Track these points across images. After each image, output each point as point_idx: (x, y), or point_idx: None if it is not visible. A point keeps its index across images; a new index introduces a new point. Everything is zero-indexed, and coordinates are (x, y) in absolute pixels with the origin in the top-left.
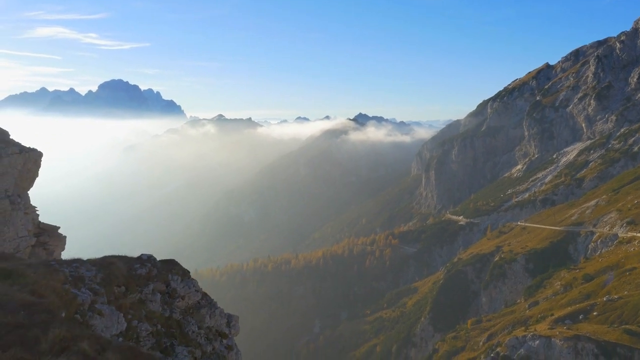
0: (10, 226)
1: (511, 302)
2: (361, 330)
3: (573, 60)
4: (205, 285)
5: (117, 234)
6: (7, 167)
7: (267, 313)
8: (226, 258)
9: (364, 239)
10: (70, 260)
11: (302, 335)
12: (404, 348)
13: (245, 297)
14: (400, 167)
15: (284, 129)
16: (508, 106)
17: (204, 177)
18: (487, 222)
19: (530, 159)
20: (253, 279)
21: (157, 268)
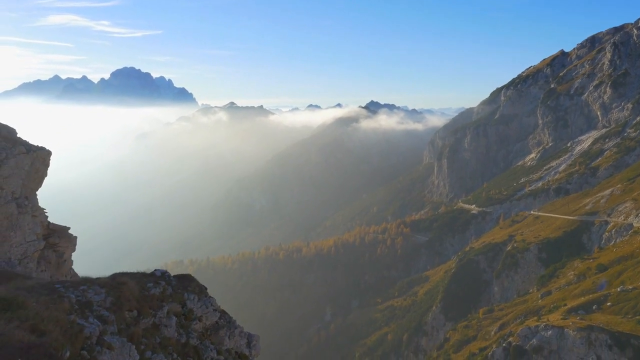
0: (17, 231)
1: (523, 291)
2: (372, 318)
3: (589, 47)
4: (217, 273)
5: (129, 222)
6: (13, 168)
7: (278, 301)
8: (237, 246)
9: (376, 228)
10: (77, 282)
11: (313, 323)
12: (415, 337)
13: (257, 285)
14: (412, 156)
15: (295, 116)
16: (522, 94)
17: (216, 165)
18: (500, 211)
19: (544, 148)
20: (264, 267)
21: (172, 286)
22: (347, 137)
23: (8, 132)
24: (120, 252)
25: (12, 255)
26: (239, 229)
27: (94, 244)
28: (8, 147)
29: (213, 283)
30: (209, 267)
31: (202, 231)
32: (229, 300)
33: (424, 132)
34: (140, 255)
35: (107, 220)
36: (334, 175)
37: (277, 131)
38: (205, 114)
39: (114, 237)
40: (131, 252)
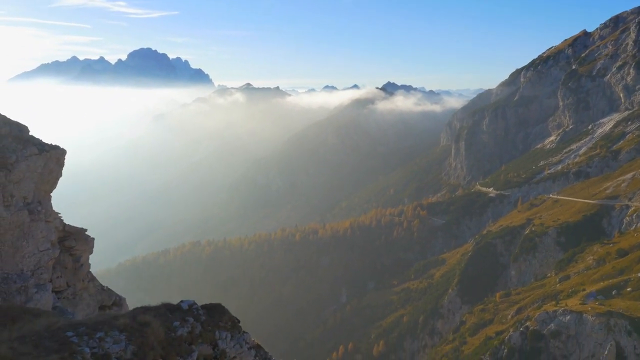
0: (29, 240)
1: (541, 275)
2: (388, 300)
3: (612, 27)
4: (233, 254)
5: (146, 203)
6: (24, 171)
7: (294, 282)
8: (253, 227)
9: (392, 210)
10: (94, 324)
11: (329, 305)
12: (431, 319)
13: (273, 266)
14: (429, 137)
15: (312, 98)
16: (542, 75)
17: (232, 146)
18: (518, 195)
19: (564, 130)
20: (280, 248)
21: (201, 322)
22: (364, 118)
23: (19, 131)
24: (137, 233)
25: (25, 266)
26: (255, 210)
27: (111, 225)
28: (19, 148)
29: (229, 264)
30: (225, 247)
31: (218, 212)
32: (245, 281)
33: (441, 113)
34: (157, 236)
35: (124, 201)
36: (350, 157)
37: (293, 112)
38: (221, 95)
39: (131, 218)
40: (148, 233)
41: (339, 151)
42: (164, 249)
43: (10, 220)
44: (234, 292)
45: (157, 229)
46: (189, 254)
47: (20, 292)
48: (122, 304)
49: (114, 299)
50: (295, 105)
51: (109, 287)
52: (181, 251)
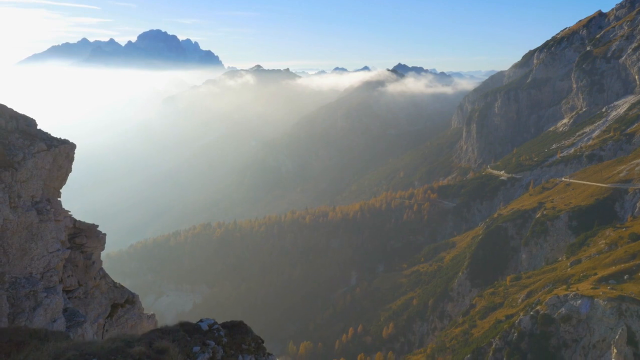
0: (38, 241)
1: (552, 259)
2: (397, 283)
3: (628, 8)
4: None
5: (156, 185)
6: (32, 169)
7: (304, 264)
8: (263, 209)
9: (402, 193)
10: (106, 353)
11: (339, 287)
12: (441, 302)
13: (283, 249)
14: (440, 120)
15: (322, 80)
16: (556, 57)
17: (242, 129)
18: (530, 178)
19: (578, 113)
20: (290, 230)
21: (223, 345)
22: (374, 100)
23: (26, 125)
24: (147, 215)
25: (34, 269)
26: (265, 192)
27: (122, 208)
28: (26, 144)
29: (240, 246)
30: (236, 230)
31: (228, 194)
32: (255, 263)
33: (452, 95)
34: (167, 217)
35: (135, 184)
36: (361, 139)
37: (303, 94)
38: (231, 77)
39: (142, 200)
40: (158, 216)
41: (349, 133)
42: (175, 231)
43: (17, 222)
44: (244, 274)
45: (168, 211)
46: (200, 236)
47: (29, 297)
48: (135, 301)
49: (127, 297)
50: (306, 87)
51: (121, 284)
52: (192, 233)
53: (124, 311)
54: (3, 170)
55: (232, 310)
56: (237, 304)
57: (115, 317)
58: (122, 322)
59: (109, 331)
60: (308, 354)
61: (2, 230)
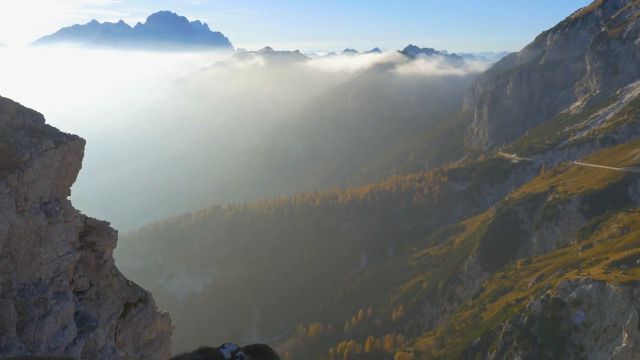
0: (47, 245)
1: (563, 243)
2: (407, 266)
3: None
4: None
5: (166, 168)
6: (40, 169)
7: (314, 247)
8: (273, 191)
9: (412, 176)
10: None
11: (349, 269)
12: (450, 285)
13: (293, 231)
14: (451, 102)
15: (332, 61)
16: (570, 38)
17: (252, 111)
18: (542, 161)
19: (591, 95)
20: (300, 213)
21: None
22: (385, 82)
23: (33, 121)
24: (158, 197)
25: (43, 274)
26: (275, 175)
27: (132, 189)
28: (32, 143)
29: (250, 228)
30: (246, 212)
31: (238, 176)
32: (265, 245)
33: (464, 77)
34: (177, 199)
35: (145, 166)
36: (371, 122)
37: (313, 76)
38: (241, 59)
39: (152, 182)
40: (169, 197)
41: (359, 116)
42: (185, 213)
43: (25, 226)
44: (254, 257)
45: (178, 193)
46: (210, 218)
47: (38, 305)
48: (148, 299)
49: (140, 295)
50: (316, 69)
51: (134, 282)
52: (202, 215)
53: (137, 310)
54: (9, 172)
55: (242, 293)
56: (247, 286)
57: (128, 317)
58: (135, 321)
59: (122, 332)
60: (318, 336)
61: (9, 236)
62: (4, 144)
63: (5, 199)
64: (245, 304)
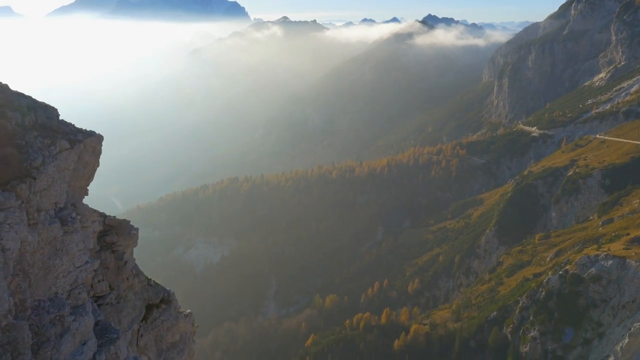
0: (63, 257)
1: (583, 218)
2: (424, 239)
3: None
4: (270, 190)
5: (183, 139)
6: (54, 174)
7: (330, 219)
8: (290, 163)
9: (430, 149)
10: None
11: (365, 242)
12: (467, 259)
13: (309, 203)
14: (470, 73)
15: (350, 32)
16: (595, 7)
17: (269, 81)
18: (563, 134)
19: (616, 67)
20: (317, 185)
21: None
22: (403, 53)
23: (46, 117)
24: (175, 168)
25: (59, 288)
26: (292, 146)
27: (150, 161)
28: (45, 145)
29: (267, 200)
30: (263, 184)
31: (255, 148)
32: (282, 217)
33: (484, 48)
34: (195, 170)
35: (162, 137)
36: (389, 93)
37: (331, 47)
38: (258, 29)
39: (169, 153)
40: (186, 168)
41: (376, 87)
42: (203, 185)
43: (38, 240)
44: (271, 228)
45: (195, 164)
46: (227, 190)
47: (54, 323)
48: (171, 299)
49: (162, 295)
50: (333, 39)
51: (155, 282)
52: (220, 187)
53: (159, 312)
54: (19, 182)
55: (260, 264)
56: (264, 257)
57: (150, 320)
58: (158, 324)
59: (143, 336)
60: (334, 307)
61: (20, 253)
62: (14, 149)
63: (15, 214)
64: (262, 275)
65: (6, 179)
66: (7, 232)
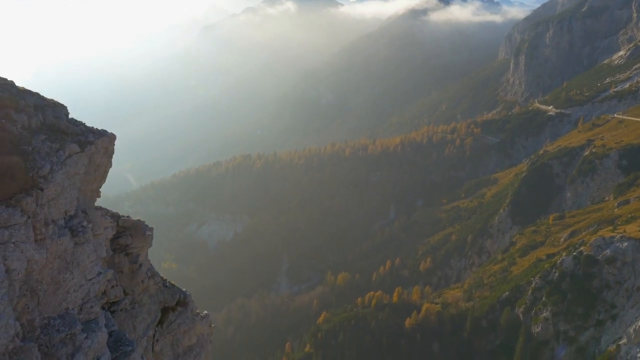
0: (74, 270)
1: (599, 199)
2: (436, 218)
3: None
4: (283, 168)
5: (197, 115)
6: (63, 181)
7: (343, 197)
8: (302, 141)
9: (444, 127)
10: None
11: (378, 220)
12: (480, 238)
13: (322, 181)
14: (486, 50)
15: (364, 7)
16: None
17: (282, 57)
18: (580, 114)
19: (636, 45)
20: (330, 163)
21: None
22: (418, 29)
23: (55, 117)
24: (188, 144)
25: (70, 303)
26: (305, 124)
27: (163, 137)
28: (54, 150)
29: (280, 177)
30: (275, 161)
31: (267, 125)
32: (295, 194)
33: (501, 24)
34: (207, 148)
35: (175, 113)
36: (403, 70)
37: (345, 23)
38: (271, 5)
39: (182, 129)
40: (199, 145)
41: (391, 64)
42: (216, 162)
43: (46, 257)
44: (283, 206)
45: (207, 141)
46: (240, 167)
47: (65, 343)
48: (187, 301)
49: (178, 297)
50: (347, 15)
51: (171, 282)
52: (232, 164)
53: (175, 315)
54: (24, 196)
55: (272, 241)
56: (276, 235)
57: (165, 324)
58: (174, 328)
59: (159, 341)
60: (346, 285)
61: (27, 273)
62: (19, 158)
63: (20, 232)
64: (274, 252)
65: (11, 193)
66: (12, 252)
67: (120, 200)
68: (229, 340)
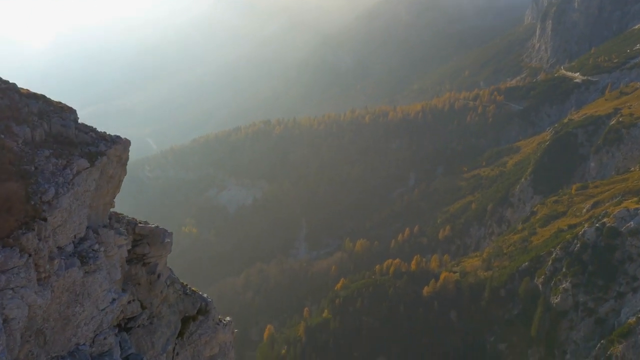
0: (84, 301)
1: (624, 169)
2: (456, 186)
3: None
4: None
5: (218, 79)
6: (70, 205)
7: (362, 163)
8: (322, 106)
9: (466, 94)
10: None
11: (397, 187)
12: (500, 207)
13: (342, 147)
14: (511, 15)
15: None
16: None
17: (301, 21)
18: (607, 81)
19: None
20: (350, 129)
21: None
22: None
23: (62, 125)
24: (207, 110)
25: (80, 338)
26: (325, 89)
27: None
28: (59, 167)
29: (299, 143)
30: (295, 127)
31: (286, 90)
32: (314, 161)
33: None
34: (226, 112)
35: (194, 78)
36: (424, 35)
37: None
38: None
39: (202, 94)
40: (218, 110)
41: (411, 28)
42: (235, 127)
43: (50, 297)
44: (303, 172)
45: (227, 106)
46: (260, 133)
47: None
48: (209, 309)
49: (200, 305)
50: None
51: (192, 289)
52: (252, 130)
53: (196, 325)
54: (25, 231)
55: (291, 206)
56: (295, 201)
57: (186, 335)
58: (195, 339)
59: (180, 354)
60: (364, 251)
61: (30, 318)
62: (18, 184)
63: (20, 275)
64: (293, 218)
65: (8, 229)
66: (11, 300)
67: (141, 164)
68: (247, 304)
